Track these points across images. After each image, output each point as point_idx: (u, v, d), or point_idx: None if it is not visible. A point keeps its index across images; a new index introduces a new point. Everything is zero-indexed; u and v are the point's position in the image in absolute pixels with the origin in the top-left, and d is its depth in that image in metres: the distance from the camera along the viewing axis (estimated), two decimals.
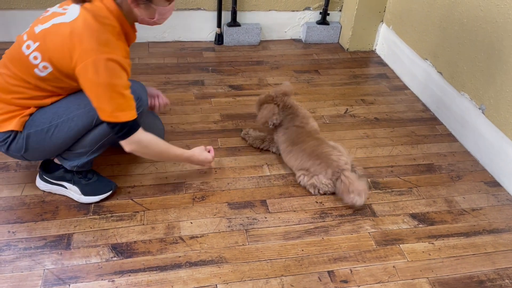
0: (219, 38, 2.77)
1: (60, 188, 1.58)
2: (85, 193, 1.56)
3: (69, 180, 1.56)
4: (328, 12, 2.83)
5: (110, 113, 1.31)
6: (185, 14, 2.69)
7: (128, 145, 1.40)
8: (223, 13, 2.70)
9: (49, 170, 1.57)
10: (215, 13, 2.70)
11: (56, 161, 1.56)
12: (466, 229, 1.60)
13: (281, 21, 2.85)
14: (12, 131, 1.38)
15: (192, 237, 1.49)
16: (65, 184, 1.57)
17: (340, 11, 2.89)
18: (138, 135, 1.39)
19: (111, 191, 1.59)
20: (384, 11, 2.70)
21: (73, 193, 1.57)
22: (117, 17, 1.32)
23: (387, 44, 2.70)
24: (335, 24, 2.89)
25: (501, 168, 1.82)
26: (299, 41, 2.93)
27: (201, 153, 1.65)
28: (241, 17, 2.76)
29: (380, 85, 2.49)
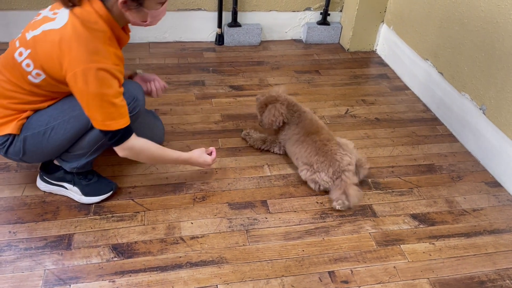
0: (219, 39, 2.77)
1: (61, 189, 1.58)
2: (85, 193, 1.56)
3: (69, 181, 1.56)
4: (329, 13, 2.83)
5: (101, 122, 1.32)
6: (186, 14, 2.69)
7: (121, 151, 1.41)
8: (223, 13, 2.70)
9: (49, 171, 1.57)
10: (215, 14, 2.70)
11: (56, 162, 1.56)
12: (467, 229, 1.60)
13: (281, 21, 2.85)
14: (9, 134, 1.38)
15: (192, 238, 1.49)
16: (66, 185, 1.57)
17: (341, 11, 2.89)
18: (130, 142, 1.39)
19: (111, 192, 1.60)
20: (385, 11, 2.70)
21: (74, 193, 1.57)
22: (107, 21, 1.28)
23: (388, 45, 2.70)
24: (335, 24, 2.89)
25: (502, 168, 1.81)
26: (299, 41, 2.93)
27: (200, 155, 1.62)
28: (242, 17, 2.76)
29: (380, 85, 2.49)
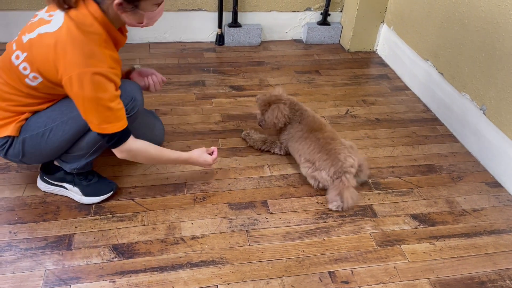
0: (220, 39, 2.77)
1: (61, 189, 1.58)
2: (86, 194, 1.56)
3: (69, 181, 1.56)
4: (329, 13, 2.83)
5: (97, 125, 1.32)
6: (186, 14, 2.69)
7: (119, 153, 1.42)
8: (224, 13, 2.70)
9: (49, 171, 1.57)
10: (216, 14, 2.70)
11: (56, 163, 1.56)
12: (467, 229, 1.60)
13: (282, 21, 2.85)
14: (8, 136, 1.38)
15: (193, 238, 1.49)
16: (66, 185, 1.57)
17: (341, 11, 2.89)
18: (128, 144, 1.39)
19: (112, 192, 1.60)
20: (385, 11, 2.70)
21: (74, 194, 1.57)
22: (102, 23, 1.27)
23: (388, 45, 2.70)
24: (336, 24, 2.89)
25: (502, 168, 1.81)
26: (300, 41, 2.93)
27: (200, 155, 1.61)
28: (242, 17, 2.76)
29: (381, 85, 2.49)
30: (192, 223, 1.54)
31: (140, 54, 2.60)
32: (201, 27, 2.76)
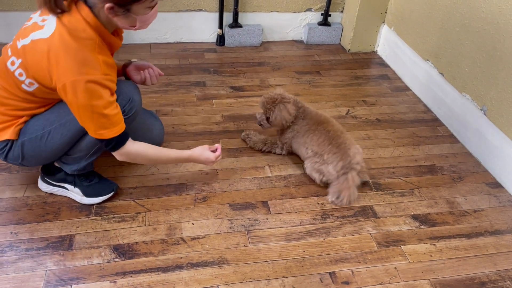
0: (220, 39, 2.78)
1: (62, 190, 1.58)
2: (87, 194, 1.56)
3: (70, 182, 1.56)
4: (330, 13, 2.83)
5: (93, 131, 1.32)
6: (187, 15, 2.69)
7: (118, 156, 1.42)
8: (224, 14, 2.70)
9: (50, 172, 1.57)
10: (216, 14, 2.71)
11: (57, 164, 1.56)
12: (468, 230, 1.60)
13: (282, 22, 2.85)
14: (8, 140, 1.38)
15: (193, 238, 1.49)
16: (67, 186, 1.57)
17: (342, 12, 2.90)
18: (126, 148, 1.39)
19: (112, 192, 1.60)
20: (386, 12, 2.70)
21: (75, 194, 1.57)
22: (95, 28, 1.25)
23: (389, 45, 2.70)
24: (336, 25, 2.89)
25: (503, 169, 1.81)
26: (300, 42, 2.93)
27: (201, 153, 1.60)
28: (243, 18, 2.77)
29: (381, 86, 2.49)
30: (193, 224, 1.54)
31: (141, 54, 2.61)
32: (202, 27, 2.76)
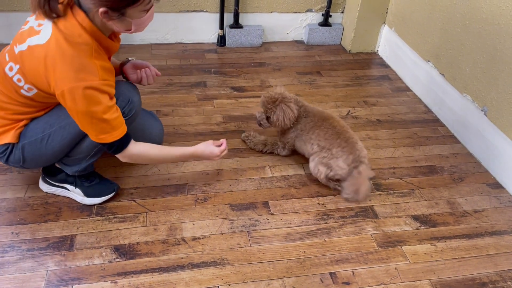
0: (221, 40, 2.78)
1: (63, 190, 1.59)
2: (87, 195, 1.56)
3: (71, 183, 1.56)
4: (330, 14, 2.83)
5: (94, 136, 1.33)
6: (188, 16, 2.70)
7: (121, 158, 1.43)
8: (225, 15, 2.70)
9: (51, 173, 1.58)
10: (217, 15, 2.71)
11: (58, 165, 1.56)
12: (468, 231, 1.60)
13: (283, 22, 2.85)
14: (8, 143, 1.38)
15: (194, 239, 1.49)
16: (68, 187, 1.57)
17: (342, 12, 2.90)
18: (128, 150, 1.40)
19: (113, 193, 1.60)
20: (386, 12, 2.70)
21: (76, 195, 1.57)
22: (91, 33, 1.24)
23: (389, 46, 2.70)
24: (337, 25, 2.89)
25: (504, 169, 1.81)
26: (301, 42, 2.93)
27: (205, 148, 1.56)
28: (244, 19, 2.77)
29: (382, 86, 2.49)
30: (194, 224, 1.54)
31: (142, 55, 2.61)
32: (202, 28, 2.76)
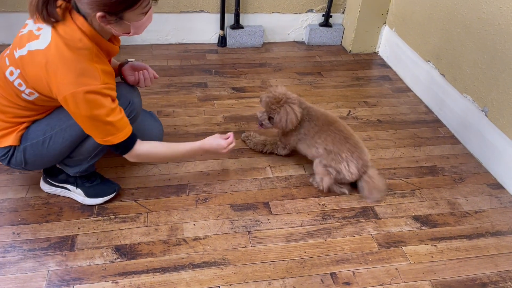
0: (222, 40, 2.78)
1: (64, 191, 1.59)
2: (88, 195, 1.57)
3: (72, 183, 1.57)
4: (331, 15, 2.84)
5: (100, 138, 1.33)
6: (188, 16, 2.70)
7: (129, 158, 1.44)
8: (226, 15, 2.71)
9: (52, 173, 1.58)
10: (218, 16, 2.71)
11: (59, 166, 1.56)
12: (469, 231, 1.60)
13: (284, 23, 2.86)
14: (10, 146, 1.39)
15: (195, 239, 1.49)
16: (69, 187, 1.58)
17: (343, 13, 2.90)
18: (135, 150, 1.40)
19: (114, 193, 1.60)
20: (387, 13, 2.70)
21: (77, 195, 1.58)
22: (91, 37, 1.24)
23: (390, 46, 2.70)
24: (338, 26, 2.89)
25: (504, 170, 1.81)
26: (302, 43, 2.93)
27: (213, 141, 1.57)
28: (244, 19, 2.77)
29: (382, 87, 2.49)
30: (194, 224, 1.55)
31: (143, 55, 2.61)
32: (203, 28, 2.76)
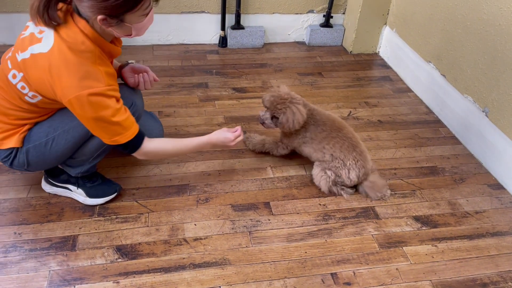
0: (223, 41, 2.78)
1: (65, 191, 1.59)
2: (90, 195, 1.57)
3: (74, 183, 1.57)
4: (332, 15, 2.84)
5: (108, 139, 1.34)
6: (189, 17, 2.70)
7: (138, 156, 1.45)
8: (227, 16, 2.71)
9: (54, 173, 1.58)
10: (219, 16, 2.72)
11: (61, 167, 1.57)
12: (470, 231, 1.60)
13: (284, 23, 2.86)
14: (13, 148, 1.39)
15: (196, 239, 1.50)
16: (70, 187, 1.58)
17: (344, 13, 2.90)
18: (143, 148, 1.41)
19: (115, 193, 1.61)
20: (388, 13, 2.70)
21: (78, 195, 1.58)
22: (93, 39, 1.24)
23: (391, 47, 2.71)
24: (338, 26, 2.89)
25: (505, 170, 1.82)
26: (302, 43, 2.93)
27: (220, 134, 1.57)
28: (245, 20, 2.78)
29: (383, 87, 2.49)
30: (195, 224, 1.55)
31: (144, 56, 2.62)
32: (204, 29, 2.77)
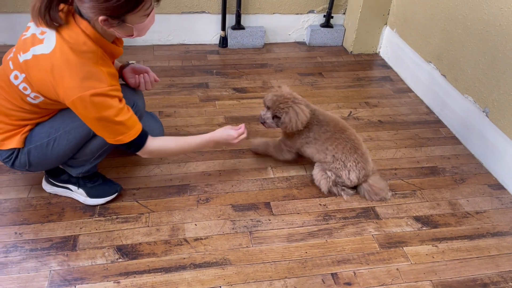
0: (223, 41, 2.79)
1: (66, 191, 1.60)
2: (90, 195, 1.57)
3: (74, 183, 1.57)
4: (332, 15, 2.84)
5: (112, 139, 1.34)
6: (190, 17, 2.71)
7: (142, 155, 1.45)
8: (227, 16, 2.71)
9: (54, 173, 1.58)
10: (219, 16, 2.72)
11: (62, 167, 1.57)
12: (470, 232, 1.60)
13: (285, 24, 2.86)
14: (14, 148, 1.39)
15: (196, 239, 1.50)
16: (71, 187, 1.58)
17: (344, 14, 2.90)
18: (147, 147, 1.41)
19: (116, 193, 1.61)
20: (388, 14, 2.70)
21: (79, 195, 1.58)
22: (95, 40, 1.25)
23: (391, 47, 2.71)
24: (339, 27, 2.89)
25: (505, 171, 1.82)
26: (303, 44, 2.94)
27: (223, 132, 1.57)
28: (246, 20, 2.78)
29: (384, 87, 2.49)
30: (196, 225, 1.55)
31: (144, 56, 2.62)
32: (204, 29, 2.77)
